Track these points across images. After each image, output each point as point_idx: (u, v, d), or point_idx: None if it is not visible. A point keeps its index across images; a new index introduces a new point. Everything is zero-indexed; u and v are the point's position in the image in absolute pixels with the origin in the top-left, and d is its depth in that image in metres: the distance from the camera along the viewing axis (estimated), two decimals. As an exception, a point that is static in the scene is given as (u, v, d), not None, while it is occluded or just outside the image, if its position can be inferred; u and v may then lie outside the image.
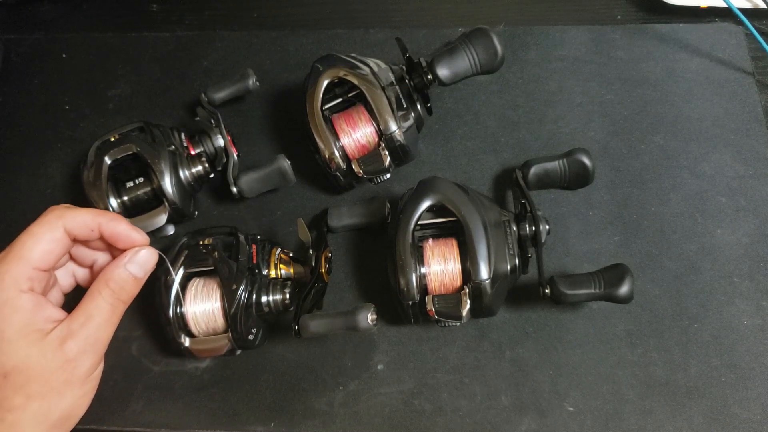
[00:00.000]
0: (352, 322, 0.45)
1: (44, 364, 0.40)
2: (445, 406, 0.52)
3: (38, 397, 0.40)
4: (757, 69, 0.63)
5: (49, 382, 0.40)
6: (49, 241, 0.42)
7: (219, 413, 0.53)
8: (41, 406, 0.40)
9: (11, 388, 0.39)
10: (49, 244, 0.42)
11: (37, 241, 0.41)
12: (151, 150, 0.54)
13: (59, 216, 0.42)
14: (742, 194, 0.58)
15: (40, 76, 0.68)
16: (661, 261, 0.56)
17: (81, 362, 0.41)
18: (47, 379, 0.40)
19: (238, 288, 0.48)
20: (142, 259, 0.44)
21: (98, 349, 0.42)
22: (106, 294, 0.42)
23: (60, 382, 0.40)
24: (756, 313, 0.54)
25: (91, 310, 0.42)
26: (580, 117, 0.62)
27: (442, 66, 0.54)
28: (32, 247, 0.41)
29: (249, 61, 0.66)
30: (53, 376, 0.40)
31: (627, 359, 0.53)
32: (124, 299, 0.44)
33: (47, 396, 0.40)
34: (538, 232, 0.50)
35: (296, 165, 0.56)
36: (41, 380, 0.40)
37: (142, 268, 0.44)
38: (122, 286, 0.43)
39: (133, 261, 0.44)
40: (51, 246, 0.42)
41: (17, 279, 0.40)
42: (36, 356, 0.40)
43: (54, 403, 0.40)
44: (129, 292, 0.44)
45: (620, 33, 0.66)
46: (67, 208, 0.43)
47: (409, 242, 0.49)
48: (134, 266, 0.44)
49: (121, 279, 0.43)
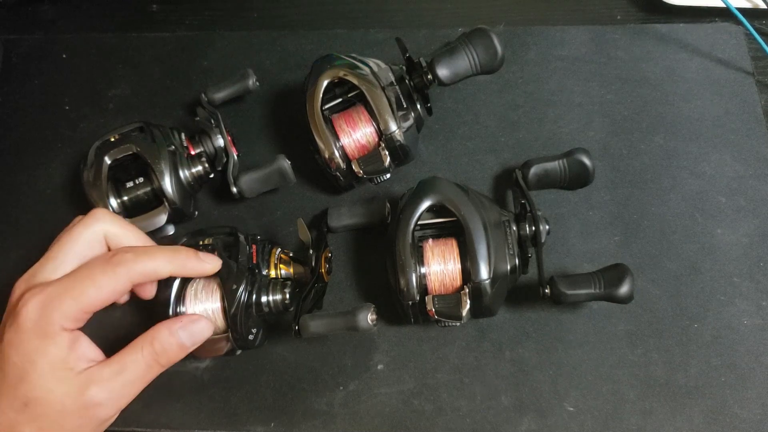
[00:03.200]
0: (352, 322, 0.45)
1: (64, 403, 0.39)
2: (445, 406, 0.52)
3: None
4: (757, 69, 0.63)
5: (62, 423, 0.39)
6: (110, 292, 0.40)
7: (219, 413, 0.53)
8: None
9: (27, 417, 0.39)
10: (109, 295, 0.40)
11: (98, 290, 0.40)
12: (151, 150, 0.54)
13: (128, 267, 0.40)
14: (742, 194, 0.58)
15: (40, 76, 0.68)
16: (661, 261, 0.56)
17: (100, 412, 0.40)
18: (62, 419, 0.39)
19: (238, 288, 0.48)
20: (196, 329, 0.43)
21: (120, 404, 0.41)
22: (147, 353, 0.41)
23: (73, 425, 0.40)
24: (756, 313, 0.54)
25: (128, 363, 0.41)
26: (580, 117, 0.62)
27: (442, 66, 0.54)
28: (92, 295, 0.39)
29: (249, 61, 0.66)
30: (69, 418, 0.39)
31: (627, 359, 0.53)
32: (163, 363, 0.42)
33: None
34: (538, 232, 0.50)
35: (296, 165, 0.56)
36: (56, 418, 0.39)
37: (193, 339, 0.43)
38: (166, 349, 0.42)
39: (186, 329, 0.42)
40: (110, 297, 0.40)
41: (65, 317, 0.39)
42: (59, 393, 0.39)
43: None
44: (171, 358, 0.42)
45: (620, 33, 0.66)
46: (137, 257, 0.41)
47: (409, 242, 0.49)
48: (186, 335, 0.42)
49: (167, 343, 0.42)
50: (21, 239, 0.60)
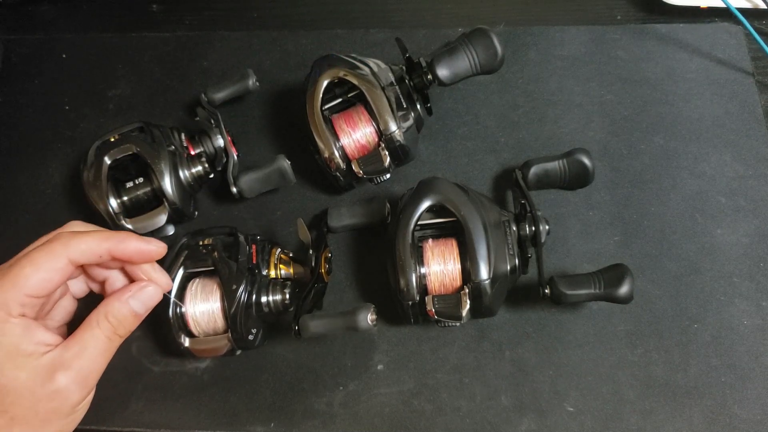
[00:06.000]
0: (352, 323, 0.45)
1: (32, 390, 0.39)
2: (445, 406, 0.52)
3: (22, 421, 0.39)
4: (757, 69, 0.63)
5: (34, 409, 0.39)
6: (48, 270, 0.40)
7: (219, 413, 0.53)
8: (24, 430, 0.39)
9: None
10: (48, 273, 0.40)
11: (36, 269, 0.40)
12: (151, 150, 0.54)
13: (65, 245, 0.41)
14: (742, 194, 0.58)
15: (40, 76, 0.68)
16: (661, 261, 0.56)
17: (71, 393, 0.40)
18: (33, 405, 0.39)
19: (238, 288, 0.48)
20: (146, 296, 0.43)
21: (90, 382, 0.41)
22: (104, 327, 0.41)
23: (47, 410, 0.39)
24: (756, 313, 0.54)
25: (87, 340, 0.41)
26: (580, 117, 0.62)
27: (442, 66, 0.54)
28: (29, 275, 0.39)
29: (249, 61, 0.66)
30: (40, 404, 0.39)
31: (627, 359, 0.53)
32: (122, 334, 0.42)
33: (31, 422, 0.39)
34: (538, 232, 0.50)
35: (296, 165, 0.56)
36: (27, 405, 0.39)
37: (144, 305, 0.43)
38: (121, 320, 0.42)
39: (136, 297, 0.42)
40: (50, 275, 0.40)
41: (8, 304, 0.39)
42: (24, 380, 0.39)
43: (37, 428, 0.40)
44: (127, 327, 0.42)
45: (620, 33, 0.66)
46: (74, 235, 0.41)
47: (409, 242, 0.49)
48: (137, 303, 0.42)
49: (120, 314, 0.42)
50: (21, 239, 0.60)
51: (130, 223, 0.54)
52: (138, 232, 0.54)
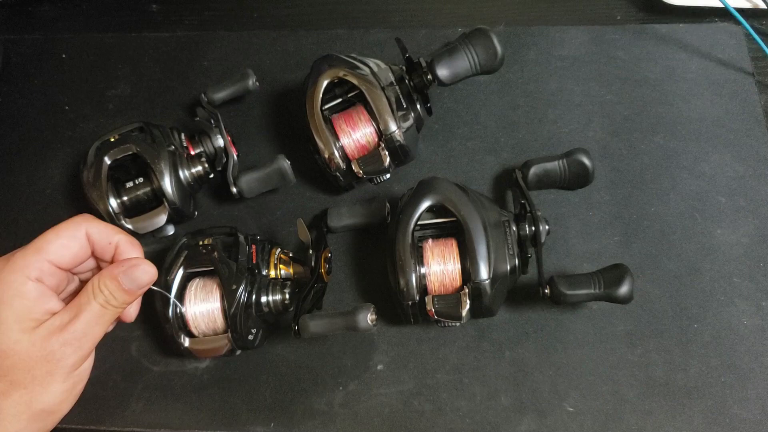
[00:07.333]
0: (352, 322, 0.45)
1: (30, 352, 0.40)
2: (445, 406, 0.52)
3: (21, 385, 0.40)
4: (757, 69, 0.63)
5: (32, 372, 0.40)
6: (68, 237, 0.43)
7: (219, 413, 0.53)
8: (23, 395, 0.40)
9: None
10: (68, 240, 0.43)
11: (57, 236, 0.42)
12: (150, 150, 0.54)
13: (85, 218, 0.44)
14: (742, 194, 0.58)
15: (40, 76, 0.68)
16: (661, 261, 0.56)
17: (65, 355, 0.41)
18: (31, 368, 0.40)
19: (237, 288, 0.48)
20: (137, 274, 0.43)
21: (84, 344, 0.42)
22: (98, 296, 0.42)
23: (43, 372, 0.40)
24: (756, 313, 0.54)
25: (83, 305, 0.42)
26: (579, 117, 0.62)
27: (441, 66, 0.54)
28: (51, 240, 0.42)
29: (249, 61, 0.66)
30: (36, 366, 0.40)
31: (627, 359, 0.53)
32: (115, 305, 0.43)
33: (30, 386, 0.40)
34: (538, 232, 0.50)
35: (296, 165, 0.56)
36: (25, 369, 0.40)
37: (134, 283, 0.44)
38: (112, 293, 0.43)
39: (126, 274, 0.43)
40: (69, 242, 0.43)
41: (28, 266, 0.41)
42: (24, 344, 0.40)
43: (36, 393, 0.41)
44: (120, 300, 0.43)
45: (620, 33, 0.66)
46: (93, 216, 0.45)
47: (409, 242, 0.49)
48: (126, 279, 0.43)
49: (111, 287, 0.43)
50: (21, 239, 0.60)
51: (130, 223, 0.54)
52: (138, 232, 0.55)
